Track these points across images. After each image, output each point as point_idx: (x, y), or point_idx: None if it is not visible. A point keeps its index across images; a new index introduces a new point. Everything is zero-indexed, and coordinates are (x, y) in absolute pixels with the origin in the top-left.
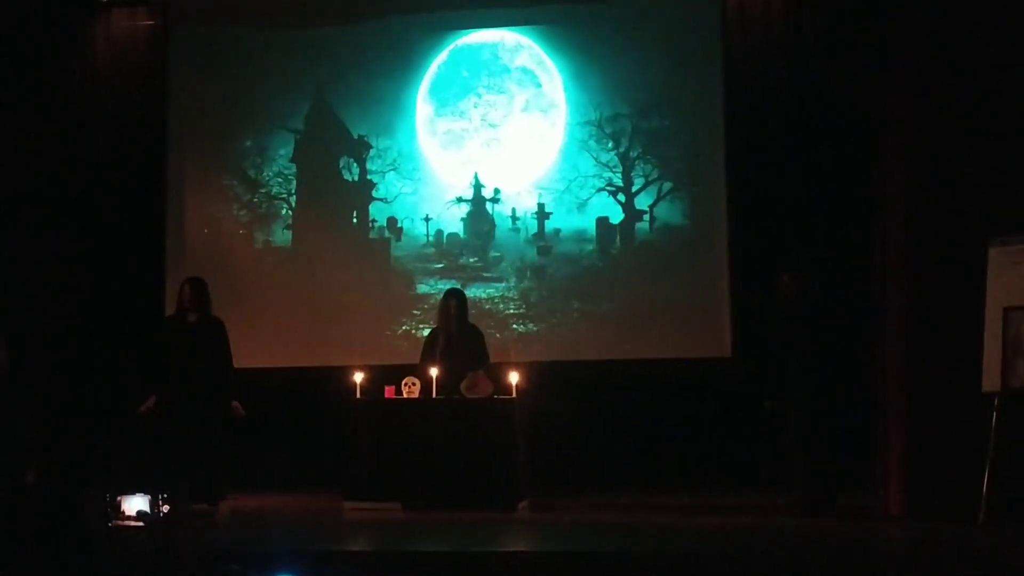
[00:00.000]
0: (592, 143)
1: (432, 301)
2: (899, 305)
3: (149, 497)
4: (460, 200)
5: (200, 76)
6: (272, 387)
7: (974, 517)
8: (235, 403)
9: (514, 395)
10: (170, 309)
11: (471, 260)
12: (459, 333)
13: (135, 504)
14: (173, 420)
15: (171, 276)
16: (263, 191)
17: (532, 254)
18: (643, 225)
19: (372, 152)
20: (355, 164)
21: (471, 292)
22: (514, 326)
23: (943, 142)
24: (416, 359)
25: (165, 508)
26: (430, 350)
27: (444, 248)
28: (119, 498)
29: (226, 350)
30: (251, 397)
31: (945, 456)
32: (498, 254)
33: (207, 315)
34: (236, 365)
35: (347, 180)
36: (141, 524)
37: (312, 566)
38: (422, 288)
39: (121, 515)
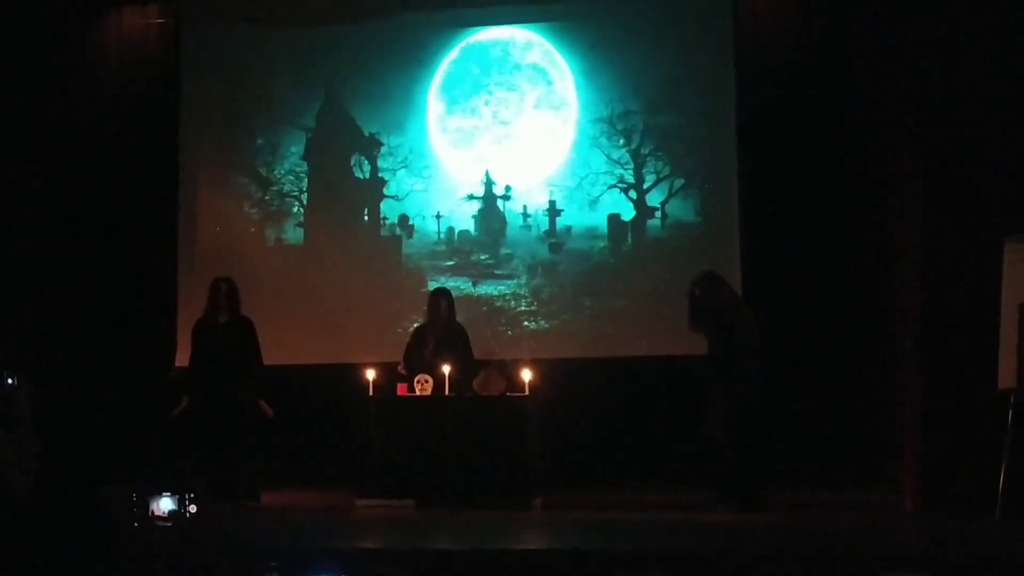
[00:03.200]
0: (603, 140)
1: None
2: (915, 302)
3: (177, 497)
4: (471, 197)
5: (211, 74)
6: (284, 384)
7: (990, 514)
8: (261, 402)
9: (527, 392)
10: (184, 306)
11: (482, 257)
12: (449, 333)
13: (163, 504)
14: (208, 420)
15: (183, 274)
16: (275, 189)
17: (543, 251)
18: (655, 222)
19: (383, 149)
20: (366, 161)
21: (482, 289)
22: (525, 323)
23: (959, 137)
24: None
25: (192, 508)
26: (417, 347)
27: (455, 245)
28: (147, 498)
29: (258, 349)
30: (263, 395)
31: (961, 453)
32: (509, 251)
33: (238, 314)
34: None
35: (358, 177)
36: (169, 524)
37: (350, 566)
38: (433, 285)
39: (149, 515)
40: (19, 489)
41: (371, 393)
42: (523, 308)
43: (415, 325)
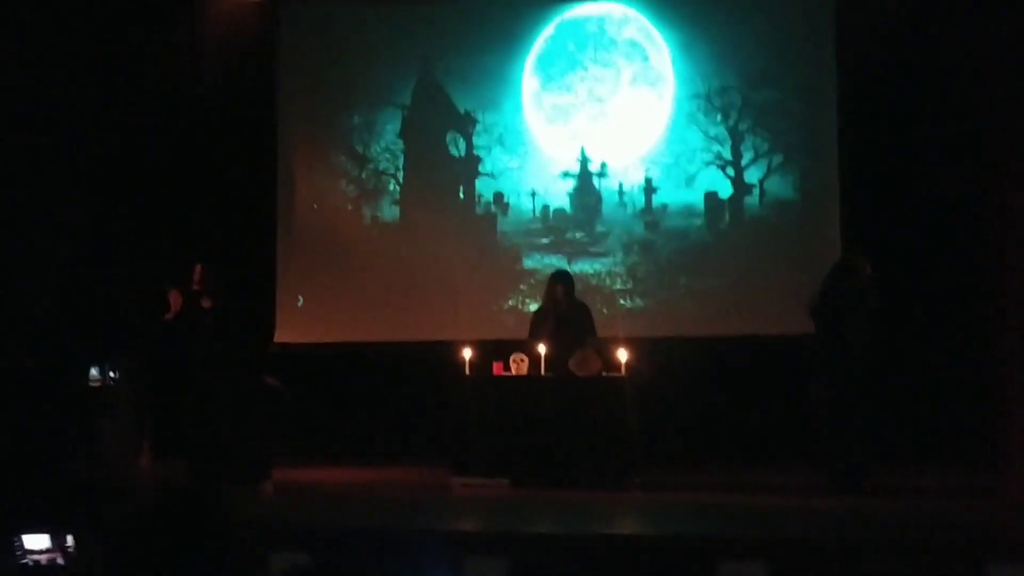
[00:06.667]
0: (700, 116)
1: (539, 276)
2: (1019, 285)
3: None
4: (566, 175)
5: (308, 52)
6: (380, 361)
7: None
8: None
9: (623, 372)
10: (283, 282)
11: (577, 235)
12: (568, 314)
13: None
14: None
15: (282, 251)
16: (371, 167)
17: (639, 229)
18: (752, 199)
19: (478, 127)
20: (461, 139)
21: (577, 267)
22: (620, 301)
23: None
24: (522, 333)
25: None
26: (538, 329)
27: (550, 223)
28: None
29: (241, 330)
30: (359, 371)
31: None
32: (605, 229)
33: (220, 297)
34: (343, 339)
35: (454, 155)
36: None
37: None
38: (528, 263)
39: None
40: (122, 477)
41: (467, 372)
42: (618, 286)
43: (536, 307)
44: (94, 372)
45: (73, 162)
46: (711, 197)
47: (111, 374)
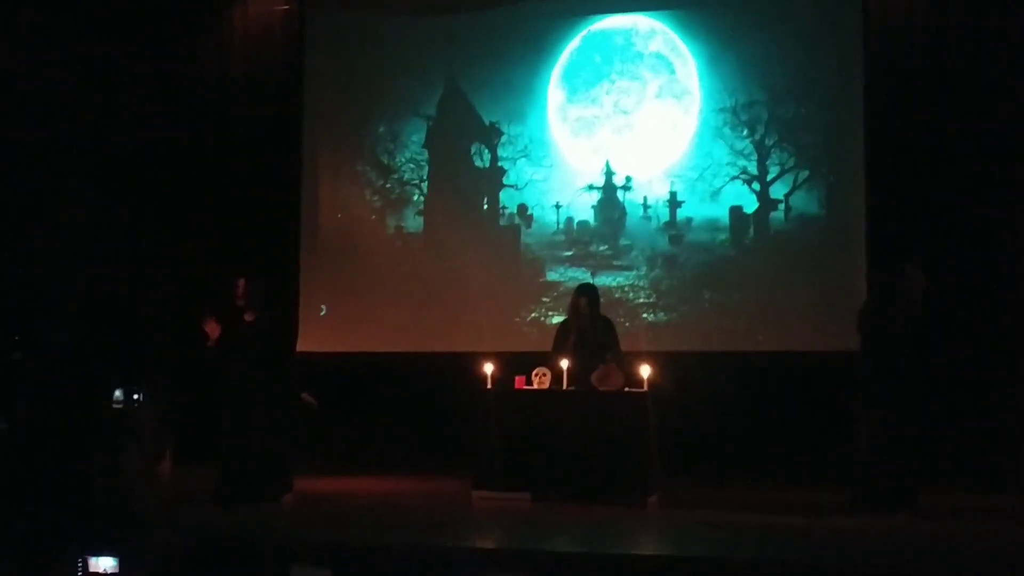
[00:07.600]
0: (727, 130)
1: (562, 289)
2: None
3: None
4: (591, 187)
5: (334, 62)
6: (401, 372)
7: None
8: (304, 395)
9: (645, 388)
10: (305, 292)
11: (601, 248)
12: (591, 328)
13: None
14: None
15: (306, 260)
16: (395, 177)
17: (663, 243)
18: (778, 215)
19: (503, 139)
20: (486, 150)
21: (601, 280)
22: (644, 315)
23: None
24: (544, 346)
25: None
26: (561, 342)
27: (574, 235)
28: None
29: (288, 344)
30: (381, 381)
31: None
32: (628, 242)
33: (262, 311)
34: (365, 349)
35: (478, 166)
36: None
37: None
38: (551, 276)
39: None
40: (143, 497)
41: (489, 385)
42: (642, 300)
43: (558, 320)
44: (118, 394)
45: (96, 176)
46: (736, 211)
47: (135, 396)
